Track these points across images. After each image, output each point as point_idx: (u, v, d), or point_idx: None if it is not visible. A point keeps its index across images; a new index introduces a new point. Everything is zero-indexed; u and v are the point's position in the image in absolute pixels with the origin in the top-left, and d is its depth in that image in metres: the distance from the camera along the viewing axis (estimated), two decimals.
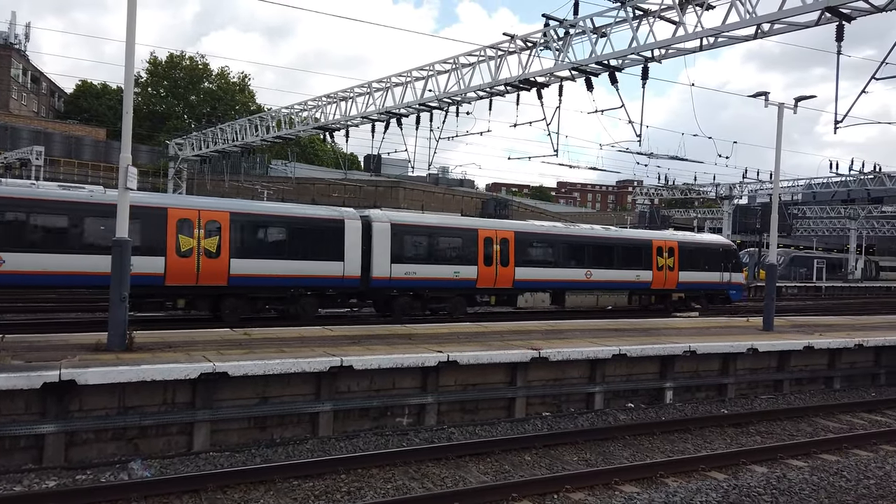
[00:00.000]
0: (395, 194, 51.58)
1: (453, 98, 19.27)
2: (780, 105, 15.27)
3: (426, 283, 18.52)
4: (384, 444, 8.29)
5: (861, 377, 13.48)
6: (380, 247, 17.64)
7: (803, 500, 6.80)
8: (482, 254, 19.46)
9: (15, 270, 13.58)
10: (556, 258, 21.29)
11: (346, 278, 17.13)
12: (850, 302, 36.35)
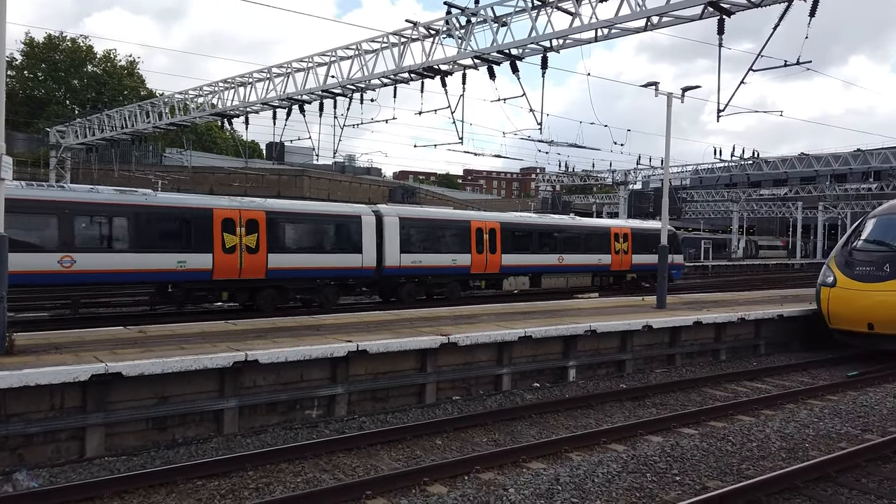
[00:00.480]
0: (300, 183, 50.43)
1: (357, 85, 19.02)
2: (669, 95, 16.13)
3: (429, 271, 20.72)
4: (293, 437, 8.14)
5: (744, 348, 14.54)
6: (390, 239, 19.69)
7: (694, 465, 7.27)
8: (474, 243, 21.80)
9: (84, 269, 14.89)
10: (534, 246, 23.96)
11: (363, 269, 19.10)
12: (734, 279, 39.07)
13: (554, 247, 24.67)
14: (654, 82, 16.27)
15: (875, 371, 12.44)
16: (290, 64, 20.74)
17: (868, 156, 44.47)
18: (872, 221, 14.57)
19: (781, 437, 8.39)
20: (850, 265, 13.81)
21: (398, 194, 53.72)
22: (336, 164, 60.17)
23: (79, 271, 14.82)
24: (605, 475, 6.84)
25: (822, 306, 14.07)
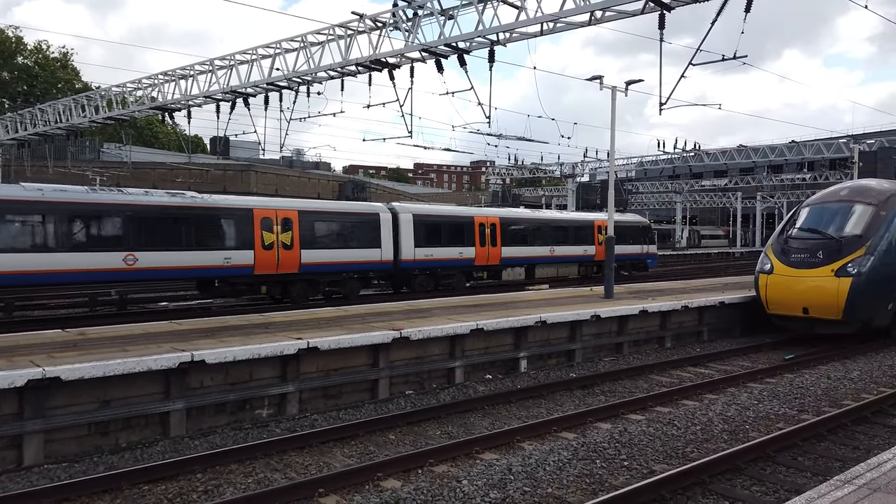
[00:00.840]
0: (246, 178, 49.39)
1: (303, 77, 18.70)
2: (613, 88, 16.43)
3: (439, 264, 22.54)
4: (243, 437, 8.00)
5: (688, 335, 14.98)
6: (405, 234, 21.33)
7: (642, 450, 7.47)
8: (478, 237, 23.70)
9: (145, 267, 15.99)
10: (529, 239, 25.97)
11: (382, 262, 20.71)
12: (678, 268, 40.20)
13: (546, 239, 26.64)
14: (598, 76, 16.55)
15: (810, 354, 13.01)
16: (233, 56, 20.24)
17: (802, 147, 46.37)
18: (806, 210, 15.20)
19: (724, 419, 8.69)
20: (786, 252, 14.38)
21: (348, 189, 53.25)
22: (284, 158, 59.17)
23: (140, 268, 15.97)
24: (556, 463, 6.96)
25: (761, 293, 14.61)
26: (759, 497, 6.20)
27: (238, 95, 20.75)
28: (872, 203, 14.13)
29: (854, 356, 12.97)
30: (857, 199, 14.49)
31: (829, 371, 11.65)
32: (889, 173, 29.89)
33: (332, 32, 17.54)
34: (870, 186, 15.42)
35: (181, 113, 23.79)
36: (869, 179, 19.14)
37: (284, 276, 18.53)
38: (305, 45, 18.16)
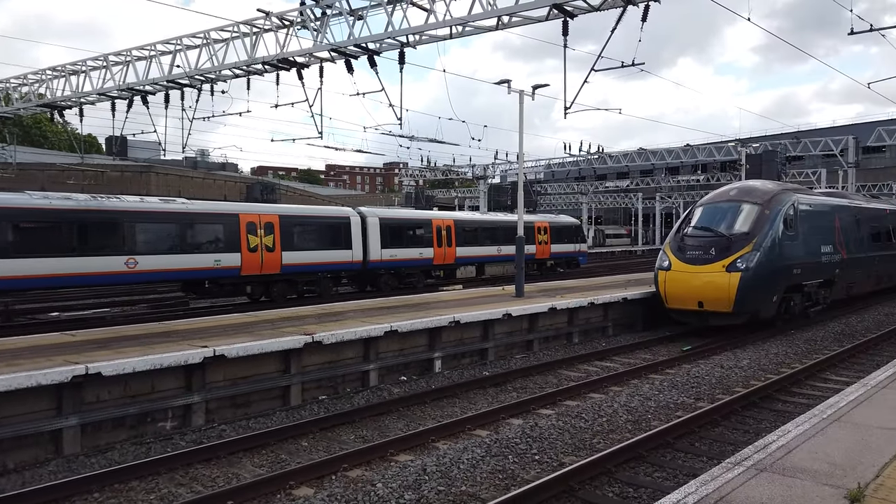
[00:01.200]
0: (146, 180, 47.02)
1: (206, 75, 18.00)
2: (521, 92, 16.83)
3: (403, 263, 24.22)
4: (145, 452, 7.62)
5: (594, 331, 15.56)
6: (373, 237, 22.78)
7: (552, 444, 7.70)
8: (436, 238, 25.64)
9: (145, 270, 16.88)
10: (479, 239, 27.98)
11: (353, 263, 22.17)
12: (585, 266, 41.62)
13: (494, 240, 28.71)
14: (506, 80, 16.90)
15: (705, 345, 13.81)
16: (129, 52, 19.22)
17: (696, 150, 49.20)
18: (700, 210, 16.14)
19: (627, 410, 9.09)
20: (682, 250, 15.22)
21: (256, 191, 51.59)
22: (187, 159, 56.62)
23: (140, 271, 16.80)
24: (469, 461, 7.05)
25: (660, 288, 15.39)
26: (659, 482, 6.52)
27: (136, 93, 19.74)
28: (758, 202, 15.19)
29: (744, 346, 13.90)
30: (744, 198, 15.53)
31: (722, 360, 12.42)
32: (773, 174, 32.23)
33: (236, 30, 16.99)
34: (756, 187, 16.57)
35: (73, 111, 22.36)
36: (755, 180, 20.58)
37: (268, 276, 19.77)
38: (209, 42, 17.51)
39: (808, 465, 4.85)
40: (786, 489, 4.40)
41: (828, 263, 16.69)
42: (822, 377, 11.03)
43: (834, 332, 15.50)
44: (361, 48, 15.48)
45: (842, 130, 52.45)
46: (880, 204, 22.82)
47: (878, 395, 6.81)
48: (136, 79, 19.15)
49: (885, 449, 5.17)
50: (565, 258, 33.62)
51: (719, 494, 4.32)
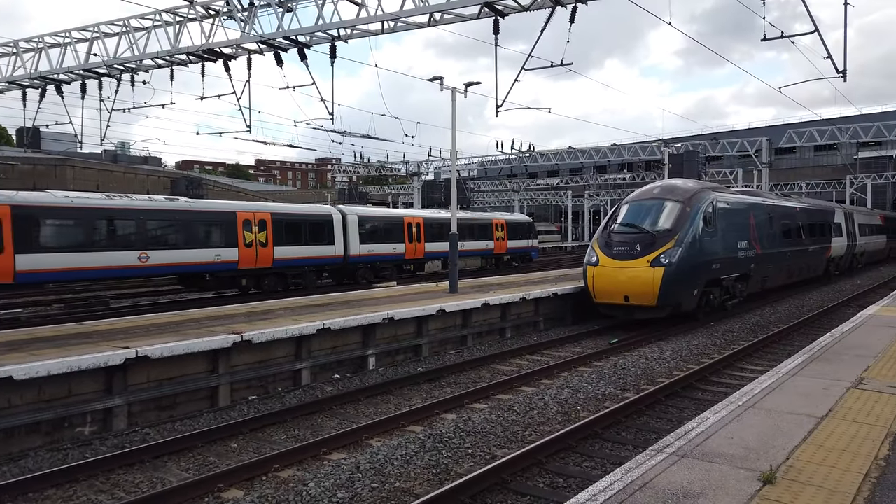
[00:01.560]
0: (61, 174, 44.61)
1: (126, 65, 17.23)
2: (453, 90, 16.92)
3: (378, 258, 26.36)
4: (62, 459, 7.24)
5: (526, 325, 15.84)
6: (353, 233, 24.85)
7: (485, 437, 7.80)
8: (407, 234, 27.92)
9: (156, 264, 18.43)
10: (445, 236, 27.84)
11: (335, 257, 24.15)
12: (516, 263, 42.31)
13: (465, 235, 30.71)
14: (439, 77, 16.95)
15: (631, 338, 14.29)
16: (41, 38, 18.18)
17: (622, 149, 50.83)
18: (625, 207, 16.68)
19: (558, 402, 9.31)
20: (610, 246, 15.69)
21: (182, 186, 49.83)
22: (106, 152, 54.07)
23: (151, 265, 18.25)
24: (403, 457, 7.06)
25: (588, 283, 15.82)
26: (588, 471, 6.72)
27: (49, 82, 18.71)
28: (680, 200, 15.83)
29: (667, 338, 14.47)
30: (667, 196, 16.14)
31: (647, 352, 12.89)
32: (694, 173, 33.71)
33: (158, 18, 16.33)
34: (677, 185, 17.26)
35: None
36: (677, 179, 21.43)
37: (261, 270, 21.38)
38: (129, 30, 16.76)
39: (725, 450, 5.10)
40: (705, 473, 4.62)
41: (744, 258, 17.57)
42: (739, 366, 11.62)
43: (750, 324, 16.35)
44: (291, 41, 15.19)
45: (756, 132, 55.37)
46: (791, 202, 24.20)
47: (789, 383, 7.23)
48: (50, 66, 18.16)
49: (795, 433, 5.51)
50: (520, 253, 36.58)
51: (643, 481, 4.49)
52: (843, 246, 28.46)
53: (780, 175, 60.34)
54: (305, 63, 15.58)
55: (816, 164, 67.51)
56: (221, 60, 16.25)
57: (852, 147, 59.00)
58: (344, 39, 15.11)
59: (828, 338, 10.10)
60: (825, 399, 6.53)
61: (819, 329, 14.82)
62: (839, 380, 7.31)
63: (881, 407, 6.26)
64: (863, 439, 5.33)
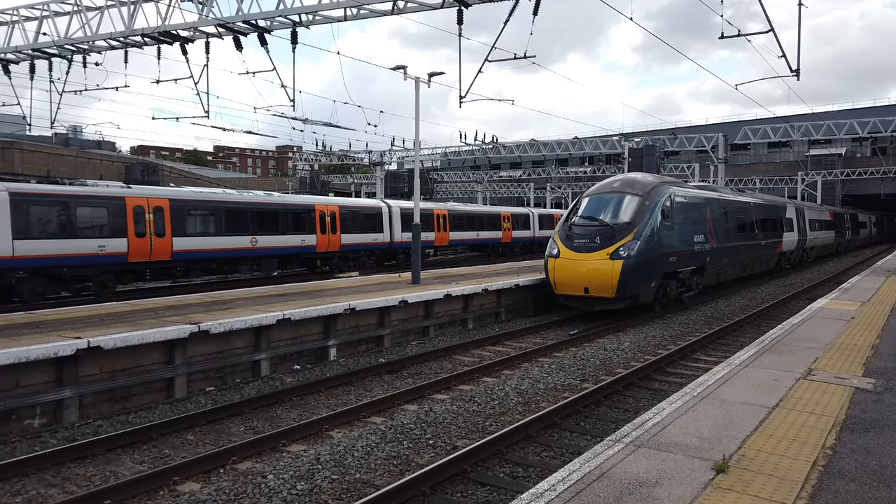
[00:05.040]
0: (9, 157, 42.87)
1: (78, 45, 16.64)
2: (417, 79, 16.82)
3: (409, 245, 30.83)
4: (10, 453, 7.00)
5: (488, 316, 15.93)
6: (396, 223, 29.04)
7: (446, 428, 7.82)
8: (437, 225, 32.34)
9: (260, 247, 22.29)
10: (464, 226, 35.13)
11: (383, 243, 28.50)
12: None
13: (481, 226, 36.86)
14: (403, 66, 16.82)
15: (590, 329, 14.50)
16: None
17: (583, 143, 51.34)
18: (586, 200, 16.87)
19: (518, 393, 9.39)
20: (570, 238, 15.86)
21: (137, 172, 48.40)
22: (57, 136, 52.26)
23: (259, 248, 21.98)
24: (364, 448, 7.03)
25: (549, 275, 15.98)
26: (548, 461, 6.80)
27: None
28: (639, 194, 16.08)
29: (625, 329, 14.73)
30: (627, 190, 16.38)
31: (606, 343, 13.10)
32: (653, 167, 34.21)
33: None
34: (637, 179, 17.52)
35: None
36: (637, 173, 21.72)
37: (331, 252, 25.45)
38: (80, 10, 16.18)
39: (680, 439, 5.22)
40: (661, 463, 4.71)
41: (700, 252, 17.99)
42: (694, 357, 11.90)
43: (705, 316, 16.76)
44: (251, 25, 14.87)
45: (713, 128, 56.54)
46: (745, 197, 24.82)
47: (741, 374, 7.44)
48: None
49: (747, 423, 5.67)
50: (522, 242, 41.45)
51: (601, 470, 4.56)
52: (794, 241, 29.37)
53: (736, 171, 61.84)
54: (266, 48, 15.29)
55: (770, 160, 69.37)
56: (178, 43, 15.83)
57: (804, 145, 60.81)
58: (305, 25, 14.86)
59: (779, 330, 10.41)
60: (776, 390, 6.73)
61: (770, 321, 15.28)
62: (789, 371, 7.55)
63: (829, 397, 6.48)
64: (811, 429, 5.52)
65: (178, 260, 19.29)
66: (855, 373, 7.45)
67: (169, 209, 18.73)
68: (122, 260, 17.66)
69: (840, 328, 10.45)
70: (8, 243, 15.03)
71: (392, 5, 13.85)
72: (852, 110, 59.82)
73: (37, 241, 15.67)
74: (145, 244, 18.05)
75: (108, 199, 17.46)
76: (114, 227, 17.36)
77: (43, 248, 15.82)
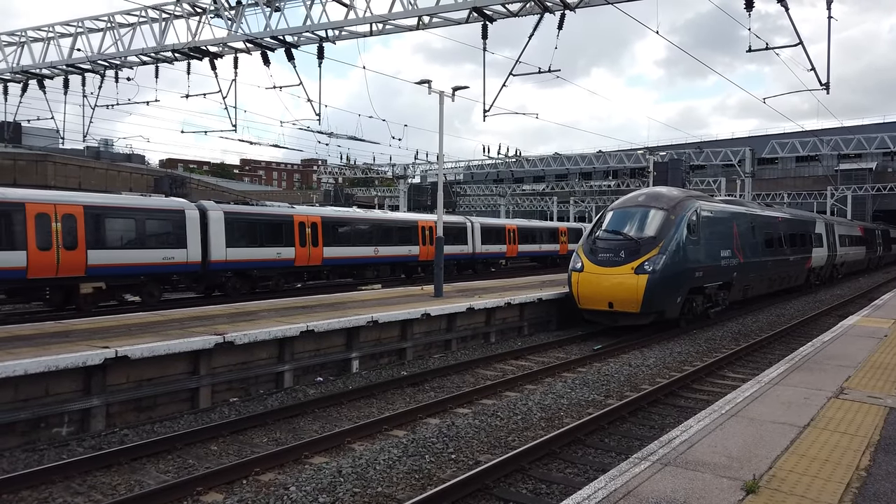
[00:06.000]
0: (42, 170, 43.93)
1: (110, 61, 17.05)
2: (441, 93, 16.91)
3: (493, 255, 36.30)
4: (38, 460, 7.11)
5: (510, 330, 15.84)
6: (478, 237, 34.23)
7: (468, 443, 7.76)
8: (508, 237, 37.14)
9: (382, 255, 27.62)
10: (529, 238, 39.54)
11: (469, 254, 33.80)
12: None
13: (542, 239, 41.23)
14: (427, 80, 16.93)
15: (615, 344, 14.34)
16: (24, 32, 17.93)
17: (607, 157, 51.12)
18: (610, 214, 16.74)
19: (541, 408, 9.30)
20: (594, 252, 15.74)
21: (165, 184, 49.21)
22: (89, 149, 53.45)
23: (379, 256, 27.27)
24: (386, 461, 7.00)
25: (573, 289, 15.86)
26: (571, 478, 6.71)
27: (31, 76, 18.46)
28: (664, 208, 15.92)
29: (650, 345, 14.53)
30: (652, 204, 16.23)
31: (631, 359, 12.93)
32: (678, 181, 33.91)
33: (144, 14, 16.18)
34: (662, 193, 17.35)
35: None
36: (662, 187, 21.54)
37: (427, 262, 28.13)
38: (113, 26, 16.59)
39: (708, 458, 5.11)
40: (688, 482, 4.62)
41: (726, 267, 17.72)
42: (721, 374, 11.69)
43: (732, 332, 16.47)
44: (278, 40, 15.11)
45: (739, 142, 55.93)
46: (773, 212, 24.46)
47: (771, 392, 7.28)
48: (32, 61, 17.91)
49: (778, 442, 5.53)
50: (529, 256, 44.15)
51: (627, 489, 4.48)
52: (823, 256, 28.81)
53: (763, 185, 61.00)
54: (293, 63, 15.51)
55: (798, 174, 68.31)
56: (207, 59, 16.14)
57: (833, 159, 59.80)
58: (332, 40, 15.06)
59: (809, 347, 10.19)
60: (807, 408, 6.57)
61: (800, 338, 14.97)
62: (820, 389, 7.37)
63: (862, 417, 6.31)
64: (844, 449, 5.37)
65: (326, 265, 24.43)
66: (889, 392, 7.25)
67: (321, 225, 23.81)
68: (291, 264, 22.69)
69: (873, 346, 10.19)
70: (223, 250, 19.84)
71: (417, 20, 13.98)
72: (883, 124, 58.80)
73: (239, 249, 20.44)
74: (306, 252, 23.11)
75: (283, 216, 22.71)
76: (286, 239, 22.40)
77: (242, 254, 20.63)
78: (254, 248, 20.98)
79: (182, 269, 18.86)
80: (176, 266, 18.56)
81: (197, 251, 19.02)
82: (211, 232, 19.40)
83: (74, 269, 16.23)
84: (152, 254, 17.92)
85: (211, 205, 20.14)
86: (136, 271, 17.68)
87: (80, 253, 16.29)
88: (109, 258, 16.91)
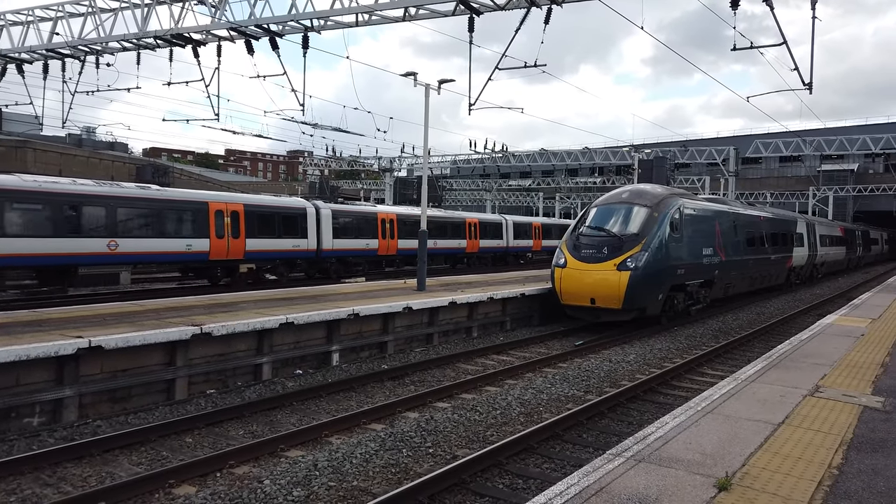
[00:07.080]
0: (22, 156, 43.20)
1: (91, 47, 16.76)
2: (427, 86, 16.81)
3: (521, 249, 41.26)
4: (7, 451, 6.98)
5: (493, 325, 15.83)
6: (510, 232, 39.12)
7: (446, 437, 7.73)
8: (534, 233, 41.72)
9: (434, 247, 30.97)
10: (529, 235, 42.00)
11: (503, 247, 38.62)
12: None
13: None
14: (413, 72, 16.82)
15: (596, 340, 14.39)
16: (3, 15, 17.58)
17: (593, 153, 51.26)
18: (594, 210, 16.76)
19: (521, 403, 9.29)
20: (578, 248, 15.76)
21: (147, 173, 48.65)
22: (71, 136, 52.67)
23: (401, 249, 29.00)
24: (363, 455, 6.95)
25: (556, 285, 15.88)
26: (548, 473, 6.70)
27: (9, 61, 18.10)
28: (648, 205, 15.97)
29: (631, 341, 14.59)
30: (635, 201, 16.27)
31: (611, 355, 12.97)
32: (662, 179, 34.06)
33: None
34: (646, 190, 17.40)
35: None
36: (646, 184, 21.61)
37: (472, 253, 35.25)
38: (95, 11, 16.30)
39: (682, 455, 5.12)
40: (661, 479, 4.61)
41: (708, 265, 17.83)
42: (700, 371, 11.76)
43: (712, 330, 16.59)
44: (262, 29, 14.93)
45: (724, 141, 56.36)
46: (755, 211, 24.64)
47: (748, 389, 7.31)
48: (11, 45, 17.56)
49: (752, 439, 5.55)
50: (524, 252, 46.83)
51: (600, 485, 4.47)
52: (804, 256, 29.11)
53: (746, 184, 61.50)
54: (277, 52, 15.34)
55: (781, 174, 68.95)
56: (190, 46, 15.92)
57: (816, 159, 60.45)
58: (317, 30, 14.91)
59: (787, 345, 10.27)
60: (782, 406, 6.61)
61: (779, 336, 15.10)
62: (796, 387, 7.42)
63: (836, 415, 6.36)
64: (817, 447, 5.40)
65: (399, 255, 28.46)
66: (864, 391, 7.31)
67: (396, 221, 28.10)
68: (375, 254, 27.00)
69: (849, 345, 10.30)
70: (331, 241, 24.43)
71: (404, 12, 13.87)
72: (865, 126, 59.50)
73: (340, 240, 24.89)
74: (386, 244, 27.42)
75: (371, 213, 27.27)
76: (372, 232, 26.73)
77: (343, 244, 25.10)
78: (350, 240, 25.60)
79: (304, 255, 23.51)
80: (300, 252, 23.18)
81: (314, 241, 23.69)
82: (322, 226, 24.02)
83: (238, 253, 20.64)
84: (285, 242, 22.50)
85: (322, 204, 25.03)
86: (274, 256, 22.31)
87: (241, 241, 20.70)
88: (259, 245, 21.38)
